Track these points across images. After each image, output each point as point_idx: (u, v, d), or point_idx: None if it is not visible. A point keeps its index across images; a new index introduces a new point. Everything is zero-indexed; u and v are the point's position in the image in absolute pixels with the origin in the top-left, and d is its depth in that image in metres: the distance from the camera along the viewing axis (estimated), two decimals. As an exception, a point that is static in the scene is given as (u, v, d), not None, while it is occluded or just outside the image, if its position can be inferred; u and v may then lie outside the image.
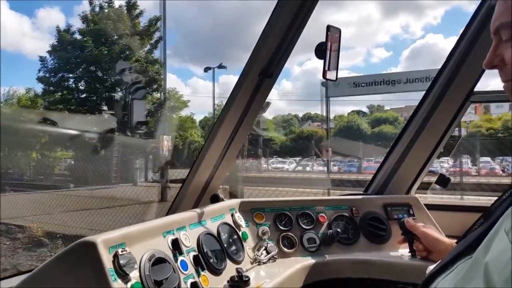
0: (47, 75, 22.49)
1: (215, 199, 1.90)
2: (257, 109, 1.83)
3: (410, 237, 1.71)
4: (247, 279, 1.37)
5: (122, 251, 1.09)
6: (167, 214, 1.83)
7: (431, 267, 0.91)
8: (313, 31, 1.54)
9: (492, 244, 0.68)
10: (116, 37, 21.56)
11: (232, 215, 1.73)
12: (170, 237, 1.32)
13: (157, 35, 22.51)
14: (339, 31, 1.53)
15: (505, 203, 0.80)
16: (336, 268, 1.72)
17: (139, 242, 1.19)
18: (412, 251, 1.71)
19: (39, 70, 22.38)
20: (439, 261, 0.87)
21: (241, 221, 1.74)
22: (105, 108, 22.24)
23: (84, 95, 22.75)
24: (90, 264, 1.05)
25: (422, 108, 2.04)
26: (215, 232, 1.55)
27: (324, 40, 1.49)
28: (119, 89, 22.17)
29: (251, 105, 1.78)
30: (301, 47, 1.56)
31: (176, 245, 1.31)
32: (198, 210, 1.59)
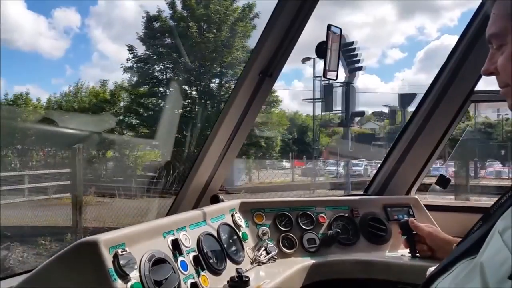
0: (134, 65, 20.13)
1: (215, 199, 1.89)
2: (257, 109, 1.83)
3: (410, 237, 1.71)
4: (247, 279, 1.37)
5: (122, 251, 1.09)
6: (167, 215, 1.83)
7: (432, 269, 0.91)
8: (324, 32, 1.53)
9: (489, 245, 0.69)
10: (217, 23, 19.29)
11: (232, 215, 1.73)
12: (170, 238, 1.32)
13: (253, 22, 20.05)
14: (340, 30, 1.53)
15: (504, 205, 0.80)
16: (336, 269, 1.72)
17: (139, 243, 1.19)
18: (412, 251, 1.71)
19: (127, 60, 20.13)
20: (440, 262, 0.88)
21: (241, 221, 1.74)
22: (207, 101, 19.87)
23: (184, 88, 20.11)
24: (91, 264, 1.05)
25: (423, 108, 2.04)
26: (215, 232, 1.55)
27: (325, 40, 1.49)
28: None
29: (251, 105, 1.78)
30: (311, 48, 1.56)
31: (176, 246, 1.31)
32: (198, 210, 1.59)
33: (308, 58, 23.64)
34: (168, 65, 20.37)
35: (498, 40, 0.83)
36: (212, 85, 20.62)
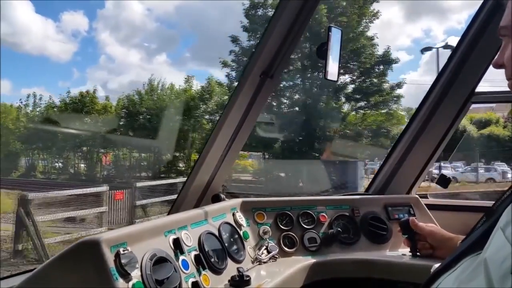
0: (235, 58, 17.61)
1: (216, 198, 1.90)
2: (258, 110, 1.84)
3: (411, 236, 1.72)
4: (248, 278, 1.37)
5: (123, 251, 1.09)
6: (168, 214, 1.84)
7: (436, 265, 0.91)
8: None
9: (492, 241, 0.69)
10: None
11: (233, 214, 1.74)
12: (172, 237, 1.32)
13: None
14: (341, 31, 1.54)
15: (507, 200, 0.80)
16: (337, 268, 1.72)
17: (141, 242, 1.20)
18: (413, 250, 1.71)
19: (230, 52, 17.76)
20: (444, 260, 0.88)
21: (242, 220, 1.74)
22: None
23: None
24: (92, 263, 1.06)
25: (424, 108, 2.04)
26: (216, 231, 1.56)
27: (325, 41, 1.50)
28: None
29: (253, 106, 1.79)
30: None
31: (177, 245, 1.31)
32: (199, 209, 1.59)
33: (429, 48, 21.27)
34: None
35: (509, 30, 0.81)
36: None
